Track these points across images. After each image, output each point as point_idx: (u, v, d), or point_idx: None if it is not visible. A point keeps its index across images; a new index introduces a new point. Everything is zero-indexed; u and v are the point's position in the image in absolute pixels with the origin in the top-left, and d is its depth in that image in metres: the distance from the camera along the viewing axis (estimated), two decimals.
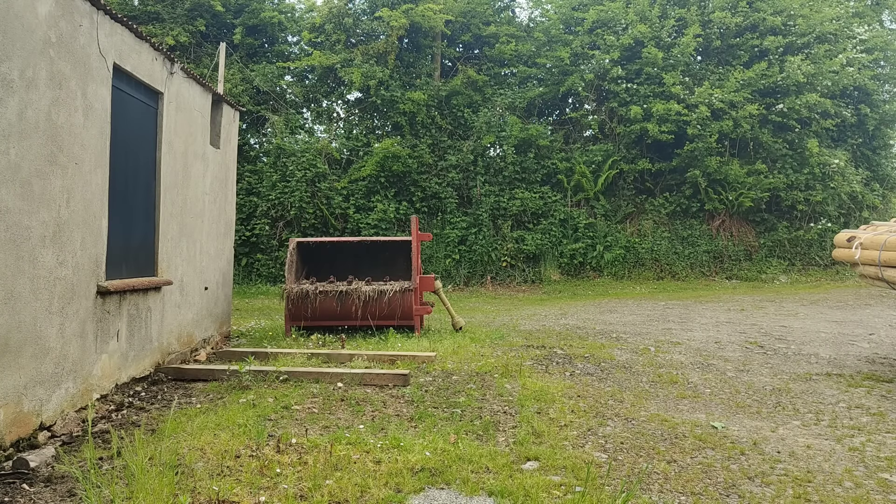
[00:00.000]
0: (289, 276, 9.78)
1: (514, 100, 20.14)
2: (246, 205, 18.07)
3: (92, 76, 5.39)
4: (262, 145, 20.06)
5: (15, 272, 4.41)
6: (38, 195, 4.67)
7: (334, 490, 3.93)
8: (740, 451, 4.91)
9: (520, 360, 7.99)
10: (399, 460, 4.43)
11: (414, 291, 9.57)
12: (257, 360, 7.55)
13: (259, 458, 4.40)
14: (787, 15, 20.10)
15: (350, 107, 20.97)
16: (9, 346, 4.36)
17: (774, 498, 4.07)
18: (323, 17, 20.25)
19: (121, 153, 6.03)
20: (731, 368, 7.84)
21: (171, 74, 7.05)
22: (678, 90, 19.08)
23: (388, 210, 18.31)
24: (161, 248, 6.93)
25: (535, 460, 4.58)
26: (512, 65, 20.96)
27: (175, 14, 19.22)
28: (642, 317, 12.29)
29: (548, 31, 20.91)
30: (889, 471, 4.58)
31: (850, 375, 7.59)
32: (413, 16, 19.29)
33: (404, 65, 20.46)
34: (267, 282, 17.62)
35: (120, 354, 6.01)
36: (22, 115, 4.46)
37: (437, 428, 5.29)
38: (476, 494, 3.97)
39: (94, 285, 5.49)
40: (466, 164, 19.29)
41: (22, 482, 4.04)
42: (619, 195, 20.38)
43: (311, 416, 5.61)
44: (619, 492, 3.98)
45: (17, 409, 4.48)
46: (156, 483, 3.67)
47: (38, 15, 4.65)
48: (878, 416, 5.94)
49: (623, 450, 4.92)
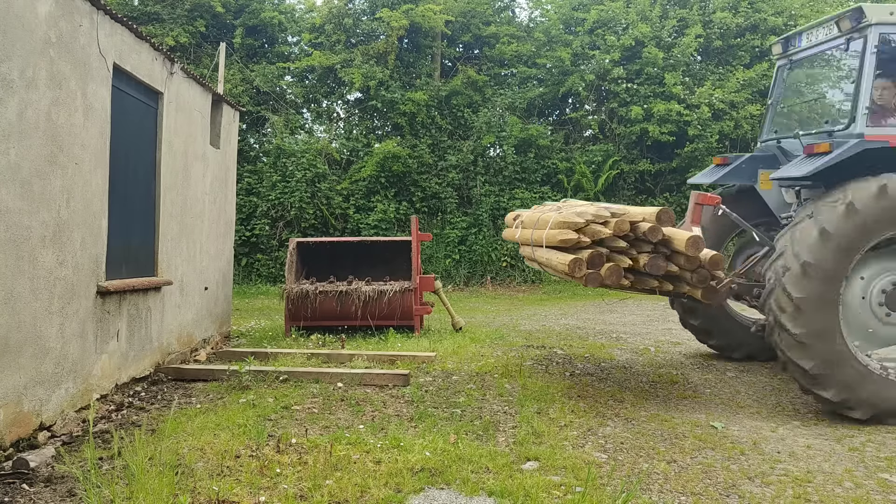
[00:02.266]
0: (289, 276, 9.78)
1: (514, 100, 20.13)
2: (246, 205, 18.06)
3: (92, 76, 5.39)
4: (262, 145, 20.05)
5: (15, 272, 4.41)
6: (38, 195, 4.67)
7: (334, 490, 3.93)
8: (740, 451, 4.91)
9: (520, 360, 7.99)
10: (399, 460, 4.43)
11: (414, 291, 9.57)
12: (257, 360, 7.54)
13: (259, 458, 4.40)
14: (788, 15, 20.09)
15: (350, 107, 20.97)
16: (9, 346, 4.36)
17: (774, 498, 4.06)
18: (323, 17, 20.24)
19: (121, 153, 6.03)
20: (731, 368, 7.84)
21: (171, 74, 7.05)
22: (679, 90, 19.08)
23: (388, 210, 18.31)
24: (161, 248, 6.93)
25: (535, 460, 4.58)
26: (512, 65, 20.96)
27: (175, 14, 19.22)
28: (642, 317, 12.29)
29: (548, 32, 20.90)
30: (889, 471, 4.58)
31: None
32: (413, 16, 19.29)
33: (404, 65, 20.46)
34: (267, 282, 17.62)
35: (120, 354, 6.01)
36: (22, 115, 4.46)
37: (437, 428, 5.29)
38: (476, 494, 3.97)
39: (94, 285, 5.49)
40: (466, 164, 19.28)
41: (22, 482, 4.04)
42: (620, 195, 20.37)
43: (311, 416, 5.61)
44: (619, 492, 3.98)
45: (17, 409, 4.48)
46: (156, 483, 3.67)
47: (38, 15, 4.65)
48: None
49: (623, 450, 4.92)
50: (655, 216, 5.73)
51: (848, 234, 5.66)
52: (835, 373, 5.63)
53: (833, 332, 5.66)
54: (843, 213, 5.66)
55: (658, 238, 5.66)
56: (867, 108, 6.04)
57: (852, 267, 5.77)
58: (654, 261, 5.68)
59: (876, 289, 5.98)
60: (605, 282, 5.65)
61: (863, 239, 5.71)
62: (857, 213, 5.65)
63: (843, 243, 5.66)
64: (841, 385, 5.64)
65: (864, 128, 6.01)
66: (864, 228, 5.68)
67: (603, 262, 5.65)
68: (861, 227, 5.68)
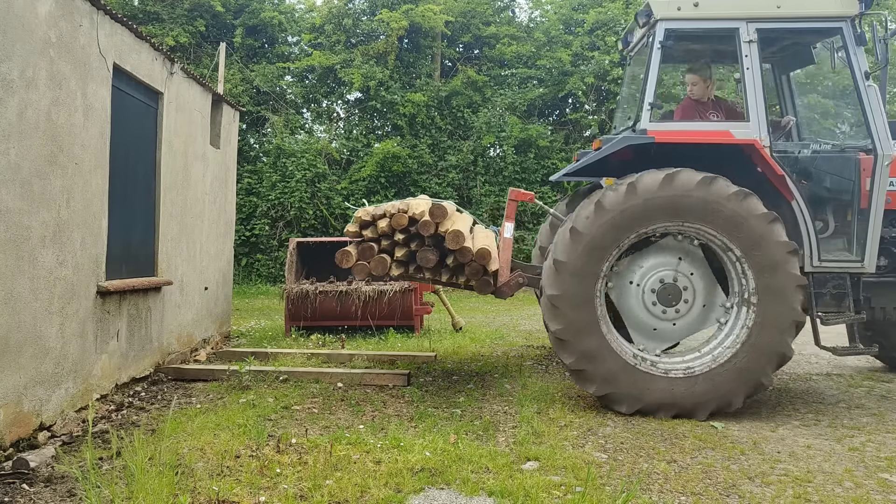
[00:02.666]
0: (289, 276, 9.78)
1: (514, 100, 20.13)
2: (246, 205, 18.06)
3: (92, 76, 5.39)
4: (262, 145, 20.06)
5: (15, 272, 4.41)
6: (38, 195, 4.67)
7: (334, 490, 3.93)
8: (740, 451, 4.91)
9: (520, 360, 7.99)
10: (399, 460, 4.42)
11: (414, 291, 9.57)
12: (257, 360, 7.55)
13: (259, 459, 4.40)
14: None
15: (350, 107, 20.97)
16: (9, 346, 4.36)
17: (774, 498, 4.06)
18: (323, 17, 20.25)
19: (121, 153, 6.03)
20: None
21: (171, 74, 7.05)
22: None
23: None
24: (161, 248, 6.93)
25: (535, 460, 4.58)
26: (512, 65, 20.96)
27: (175, 14, 19.22)
28: None
29: (548, 32, 20.91)
30: (889, 471, 4.58)
31: (849, 375, 7.59)
32: (413, 16, 19.30)
33: (404, 65, 20.46)
34: (267, 282, 17.62)
35: (120, 354, 6.01)
36: (22, 116, 4.46)
37: (437, 428, 5.29)
38: (476, 494, 3.97)
39: (94, 285, 5.49)
40: (466, 164, 19.29)
41: (22, 482, 4.04)
42: None
43: (311, 416, 5.61)
44: (619, 492, 3.98)
45: (17, 409, 4.48)
46: (156, 483, 3.67)
47: (38, 15, 4.65)
48: (878, 416, 5.95)
49: (623, 450, 4.92)
50: (429, 212, 6.00)
51: (599, 233, 5.70)
52: (596, 368, 5.71)
53: (592, 329, 5.72)
54: (593, 212, 5.71)
55: (430, 232, 5.97)
56: (650, 104, 6.03)
57: (609, 265, 5.80)
58: (423, 253, 6.08)
59: (647, 288, 6.01)
60: (373, 272, 6.12)
61: (615, 237, 5.73)
62: (606, 212, 5.69)
63: (594, 242, 5.71)
64: (602, 379, 5.71)
65: (648, 123, 6.01)
66: (614, 226, 5.70)
67: (373, 253, 6.14)
68: (611, 225, 5.70)
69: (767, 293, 5.65)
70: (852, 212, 6.17)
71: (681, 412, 5.70)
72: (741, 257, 5.71)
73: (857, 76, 5.98)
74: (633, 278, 6.03)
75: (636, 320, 6.03)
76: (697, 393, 5.68)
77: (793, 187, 5.91)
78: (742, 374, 5.67)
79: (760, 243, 5.62)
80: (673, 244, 6.02)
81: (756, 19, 6.02)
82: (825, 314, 6.05)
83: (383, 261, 6.09)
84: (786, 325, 5.65)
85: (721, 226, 5.65)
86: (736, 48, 6.08)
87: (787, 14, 6.05)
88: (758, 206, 5.63)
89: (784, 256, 5.61)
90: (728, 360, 5.71)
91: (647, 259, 6.04)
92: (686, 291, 5.98)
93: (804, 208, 5.92)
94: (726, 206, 5.61)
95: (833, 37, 6.21)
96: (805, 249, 5.94)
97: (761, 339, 5.67)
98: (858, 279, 6.12)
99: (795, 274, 5.63)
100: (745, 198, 5.62)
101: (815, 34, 6.43)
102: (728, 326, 5.89)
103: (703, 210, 5.64)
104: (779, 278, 5.62)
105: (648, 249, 6.06)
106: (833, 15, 6.01)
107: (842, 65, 6.10)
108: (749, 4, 6.07)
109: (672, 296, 5.98)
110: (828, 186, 6.40)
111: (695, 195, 5.63)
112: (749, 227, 5.61)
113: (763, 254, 5.63)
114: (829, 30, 6.15)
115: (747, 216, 5.61)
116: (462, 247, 5.92)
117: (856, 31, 5.99)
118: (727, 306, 5.93)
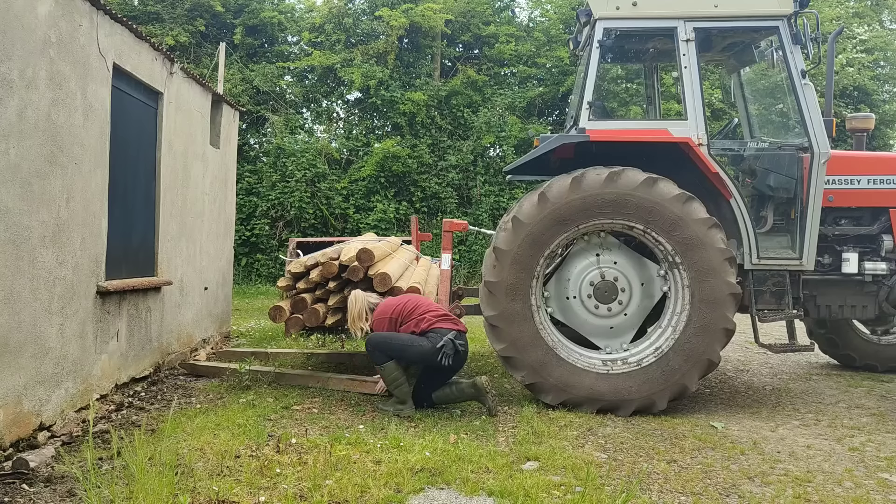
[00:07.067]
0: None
1: (513, 100, 20.12)
2: (246, 205, 18.05)
3: (92, 76, 5.39)
4: (262, 145, 20.04)
5: (15, 272, 4.41)
6: (38, 195, 4.67)
7: (334, 490, 3.93)
8: (740, 451, 4.91)
9: None
10: (399, 460, 4.42)
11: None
12: (257, 360, 7.54)
13: (259, 459, 4.40)
14: None
15: (350, 107, 20.96)
16: (8, 347, 4.36)
17: (774, 498, 4.07)
18: (323, 17, 20.24)
19: (121, 153, 6.02)
20: (730, 368, 7.85)
21: (171, 74, 7.04)
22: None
23: (387, 210, 18.30)
24: (161, 249, 6.93)
25: (534, 460, 4.58)
26: (512, 65, 20.95)
27: (175, 14, 19.20)
28: None
29: (548, 31, 20.90)
30: (889, 471, 4.58)
31: (849, 375, 7.60)
32: (413, 16, 19.28)
33: (404, 65, 20.45)
34: (267, 282, 17.61)
35: (120, 354, 6.01)
36: (22, 115, 4.46)
37: (437, 428, 5.29)
38: (476, 494, 3.97)
39: (94, 285, 5.49)
40: (466, 164, 19.28)
41: (22, 482, 4.03)
42: None
43: (311, 416, 5.61)
44: (619, 492, 3.98)
45: (17, 409, 4.48)
46: (156, 483, 3.67)
47: (38, 15, 4.64)
48: (878, 416, 5.95)
49: (623, 450, 4.92)
50: (356, 257, 6.14)
51: (540, 225, 5.78)
52: (525, 356, 5.80)
53: (524, 318, 5.81)
54: (536, 204, 5.80)
55: (359, 277, 6.15)
56: (589, 102, 6.07)
57: (547, 255, 5.86)
58: None
59: (583, 296, 6.07)
60: (307, 324, 6.19)
61: (555, 232, 5.81)
62: (548, 204, 5.76)
63: (534, 233, 5.79)
64: (530, 368, 5.80)
65: (587, 122, 6.06)
66: (556, 219, 5.78)
67: (306, 305, 6.20)
68: (553, 218, 5.78)
69: (701, 300, 5.70)
70: (791, 210, 6.21)
71: (606, 406, 5.83)
72: (679, 263, 5.76)
73: (793, 75, 6.04)
74: (567, 294, 6.12)
75: (591, 328, 6.11)
76: (621, 389, 5.79)
77: (730, 185, 5.94)
78: (669, 377, 5.74)
79: (698, 247, 5.67)
80: (585, 246, 6.12)
81: (693, 18, 6.06)
82: (764, 311, 6.09)
83: (316, 312, 6.15)
84: (716, 331, 5.71)
85: (661, 226, 5.73)
86: (674, 47, 6.10)
87: (723, 13, 6.09)
88: (699, 210, 5.69)
89: (721, 263, 5.66)
90: (656, 362, 5.80)
91: (570, 270, 6.14)
92: (618, 281, 6.06)
93: (742, 206, 5.95)
94: (668, 207, 5.68)
95: (771, 36, 6.24)
96: (744, 247, 5.99)
97: (691, 343, 5.74)
98: (798, 276, 6.14)
99: (730, 282, 5.67)
100: (687, 201, 5.69)
101: (753, 33, 6.46)
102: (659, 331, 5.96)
103: (646, 210, 5.71)
104: (713, 284, 5.66)
105: (567, 261, 6.16)
106: (769, 14, 6.05)
107: (781, 64, 6.12)
108: (686, 4, 6.10)
109: (608, 291, 6.05)
110: (768, 184, 6.46)
111: (637, 194, 5.70)
112: (689, 230, 5.68)
113: (700, 258, 5.68)
114: (766, 29, 6.20)
115: (688, 219, 5.67)
116: (391, 287, 6.07)
117: (792, 29, 6.01)
118: (662, 273, 5.97)
